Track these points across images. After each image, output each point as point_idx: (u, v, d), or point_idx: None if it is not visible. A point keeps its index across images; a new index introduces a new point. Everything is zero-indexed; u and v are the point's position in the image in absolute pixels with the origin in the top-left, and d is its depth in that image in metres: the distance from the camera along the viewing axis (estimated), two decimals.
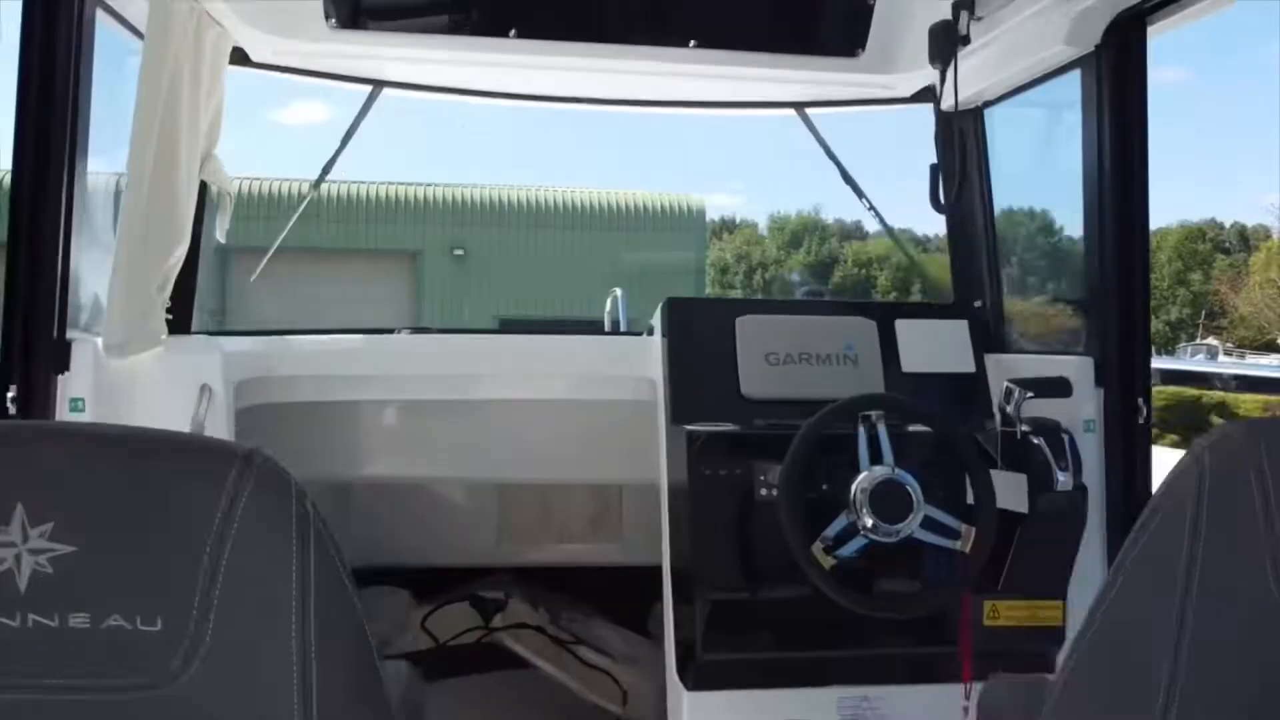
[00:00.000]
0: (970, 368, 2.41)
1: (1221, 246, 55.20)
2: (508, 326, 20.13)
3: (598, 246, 21.98)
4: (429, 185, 22.96)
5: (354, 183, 20.71)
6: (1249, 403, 33.52)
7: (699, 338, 2.35)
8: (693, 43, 2.44)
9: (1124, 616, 1.03)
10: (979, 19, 2.24)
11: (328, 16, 2.34)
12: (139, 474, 0.81)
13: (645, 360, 2.45)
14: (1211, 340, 50.83)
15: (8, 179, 1.78)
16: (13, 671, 0.78)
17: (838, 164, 2.83)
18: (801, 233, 43.99)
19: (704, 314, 2.42)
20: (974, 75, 2.41)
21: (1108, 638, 1.04)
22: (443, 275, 22.21)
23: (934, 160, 2.59)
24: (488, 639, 3.19)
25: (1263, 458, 0.96)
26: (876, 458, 2.01)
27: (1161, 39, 2.13)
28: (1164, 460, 1.33)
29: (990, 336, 2.54)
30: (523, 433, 2.69)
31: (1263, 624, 0.97)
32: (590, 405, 2.60)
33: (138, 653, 0.79)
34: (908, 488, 1.97)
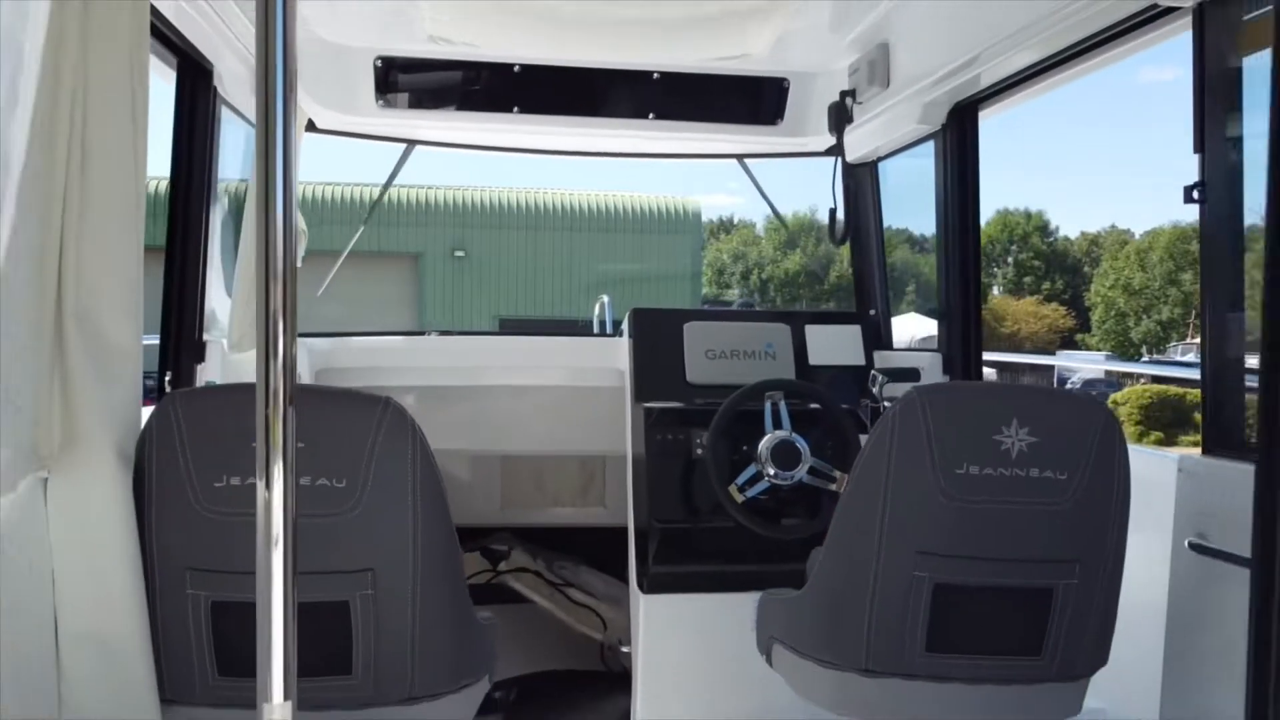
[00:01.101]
0: (861, 361, 3.20)
1: None
2: (506, 326, 20.76)
3: (595, 248, 22.59)
4: (431, 188, 23.48)
5: (357, 185, 21.17)
6: None
7: (656, 338, 3.13)
8: (651, 115, 3.23)
9: (857, 496, 1.83)
10: (860, 103, 3.02)
11: (376, 98, 3.13)
12: (337, 409, 1.61)
13: (617, 355, 3.23)
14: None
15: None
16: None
17: (769, 203, 3.62)
18: (798, 233, 44.55)
19: (660, 320, 3.19)
20: (867, 139, 3.20)
21: (848, 509, 1.84)
22: (444, 276, 22.79)
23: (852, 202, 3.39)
24: (495, 580, 3.90)
25: (927, 410, 1.76)
26: (778, 425, 2.79)
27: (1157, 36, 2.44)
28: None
29: (880, 338, 3.33)
30: (522, 413, 3.46)
31: (925, 501, 1.77)
32: (576, 391, 3.38)
33: (333, 497, 1.59)
34: (798, 445, 2.74)
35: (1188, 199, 2.06)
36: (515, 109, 3.17)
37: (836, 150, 3.28)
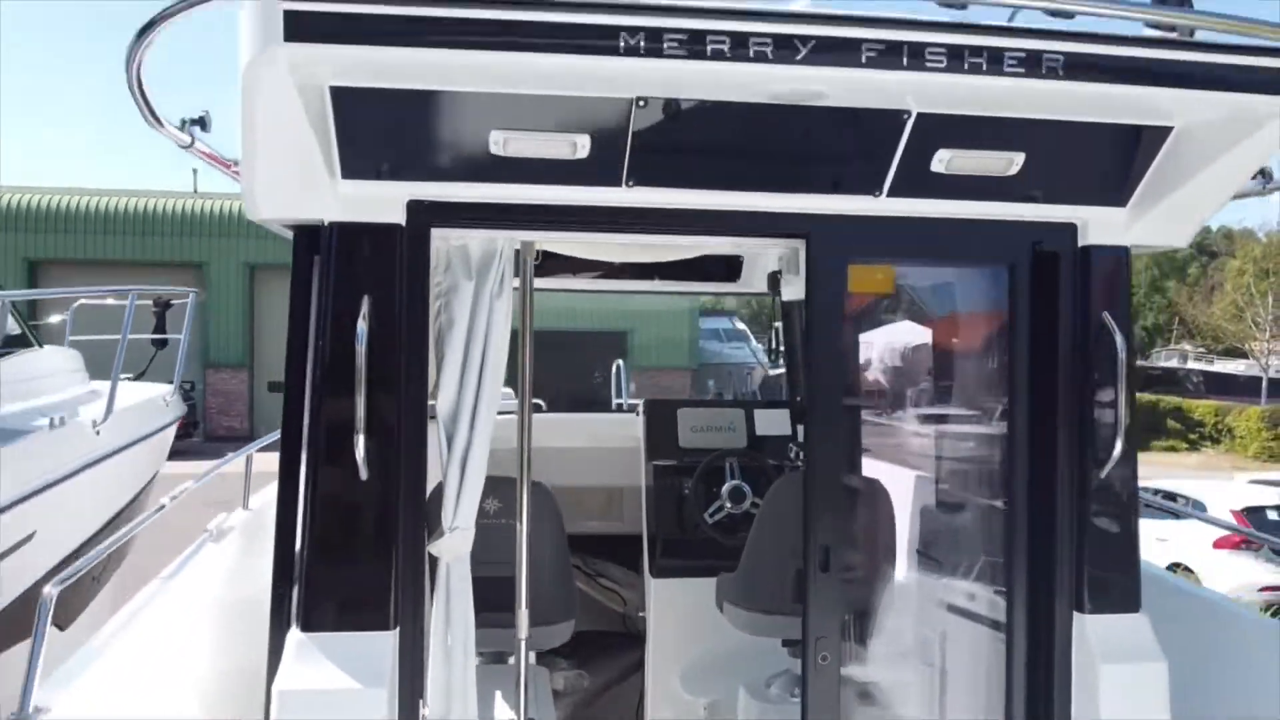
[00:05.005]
0: (788, 432, 5.07)
1: (1208, 250, 56.64)
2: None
3: None
4: None
5: None
6: (1202, 408, 35.72)
7: (659, 418, 5.00)
8: (656, 277, 5.11)
9: (759, 525, 3.71)
10: (785, 279, 4.91)
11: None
12: (514, 491, 3.49)
13: (634, 428, 5.10)
14: (1185, 345, 52.70)
15: None
16: None
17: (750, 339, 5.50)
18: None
19: (662, 408, 5.05)
20: (795, 290, 5.07)
21: (754, 534, 3.73)
22: None
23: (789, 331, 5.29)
24: None
25: (789, 483, 3.65)
26: (733, 476, 4.65)
27: None
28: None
29: (803, 417, 5.20)
30: (566, 463, 5.28)
31: (790, 525, 3.66)
32: (604, 450, 5.25)
33: (511, 528, 3.46)
34: (744, 489, 4.61)
35: None
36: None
37: (775, 292, 5.18)
